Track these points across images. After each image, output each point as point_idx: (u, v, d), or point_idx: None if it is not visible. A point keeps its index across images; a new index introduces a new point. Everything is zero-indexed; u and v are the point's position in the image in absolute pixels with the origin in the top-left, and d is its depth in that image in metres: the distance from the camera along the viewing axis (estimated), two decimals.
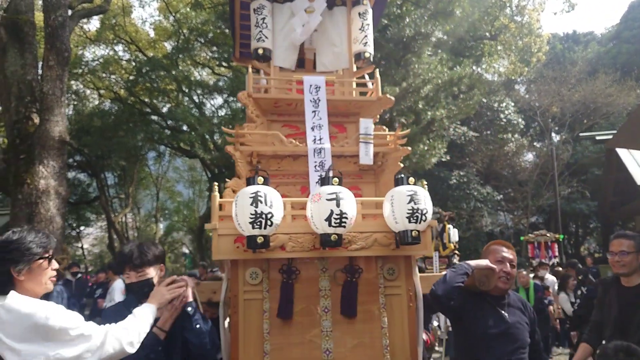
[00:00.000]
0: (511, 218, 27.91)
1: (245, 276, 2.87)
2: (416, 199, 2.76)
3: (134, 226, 36.47)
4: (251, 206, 2.57)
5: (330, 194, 2.64)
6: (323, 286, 2.90)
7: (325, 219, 2.62)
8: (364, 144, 3.20)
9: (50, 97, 14.61)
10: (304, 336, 2.83)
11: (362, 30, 3.41)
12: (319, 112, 3.22)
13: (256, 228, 2.59)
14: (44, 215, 14.07)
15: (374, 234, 2.86)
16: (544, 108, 25.66)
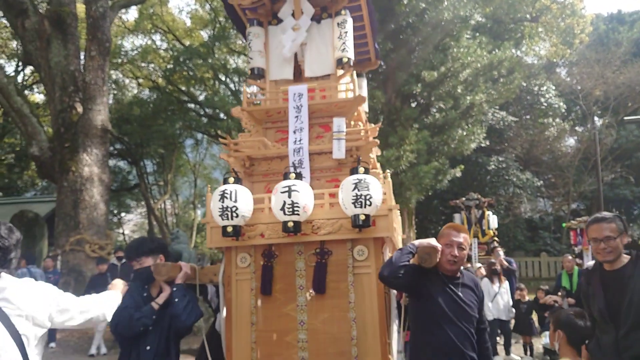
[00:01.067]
0: (551, 204, 27.31)
1: (237, 260, 3.44)
2: (360, 186, 3.05)
3: (173, 212, 37.17)
4: (219, 202, 3.17)
5: (284, 187, 3.13)
6: (299, 267, 3.37)
7: (280, 209, 3.12)
8: (336, 140, 3.55)
9: (92, 86, 14.97)
10: (282, 310, 3.33)
11: (341, 38, 3.76)
12: (301, 116, 3.64)
13: (225, 220, 3.17)
14: (89, 201, 14.49)
15: (340, 220, 3.23)
16: (587, 91, 24.87)
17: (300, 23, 3.83)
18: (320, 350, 3.25)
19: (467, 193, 16.17)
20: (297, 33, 3.83)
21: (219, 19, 23.50)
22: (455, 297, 3.17)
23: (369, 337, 3.22)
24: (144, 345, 3.27)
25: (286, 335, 3.31)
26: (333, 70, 3.85)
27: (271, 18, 4.00)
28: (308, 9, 3.83)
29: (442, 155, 13.94)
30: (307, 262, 3.36)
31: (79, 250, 14.01)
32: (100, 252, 13.92)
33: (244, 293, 3.41)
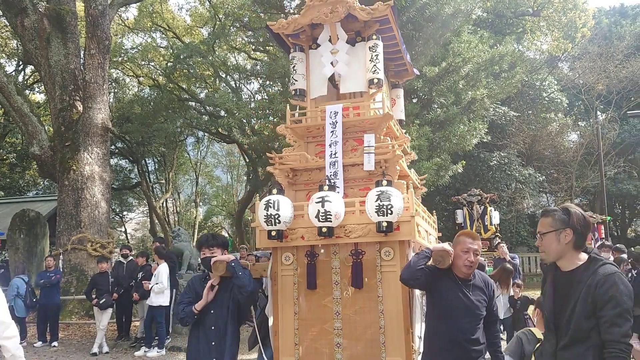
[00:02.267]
0: (554, 200, 27.20)
1: (282, 259, 3.99)
2: (382, 197, 3.53)
3: (175, 211, 37.19)
4: (264, 210, 3.74)
5: (318, 198, 3.65)
6: (334, 265, 3.90)
7: (315, 216, 3.66)
8: (367, 154, 4.02)
9: (92, 85, 14.93)
10: (321, 302, 3.87)
11: (372, 61, 4.15)
12: (336, 132, 4.10)
13: (269, 225, 3.75)
14: (90, 200, 14.48)
15: (368, 225, 3.72)
16: (589, 86, 24.73)
17: (337, 47, 4.28)
18: (353, 336, 3.77)
19: (469, 189, 16.12)
20: (334, 56, 4.28)
21: (219, 16, 23.41)
22: (464, 297, 3.50)
23: (394, 326, 3.70)
24: (209, 326, 3.93)
25: (324, 323, 3.85)
26: (366, 89, 4.26)
27: (311, 42, 4.45)
28: (343, 35, 4.27)
29: (443, 151, 13.85)
30: (342, 261, 3.88)
31: (81, 249, 14.01)
32: (102, 251, 13.91)
33: (288, 287, 3.95)
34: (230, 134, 23.26)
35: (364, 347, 3.74)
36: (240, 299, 3.92)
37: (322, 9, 4.14)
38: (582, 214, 2.81)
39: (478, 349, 3.54)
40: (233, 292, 3.95)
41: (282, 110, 16.59)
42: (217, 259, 3.95)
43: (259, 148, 22.40)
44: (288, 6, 18.61)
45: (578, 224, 2.77)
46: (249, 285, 3.85)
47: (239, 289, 3.86)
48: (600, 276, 2.62)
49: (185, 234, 12.44)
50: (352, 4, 4.09)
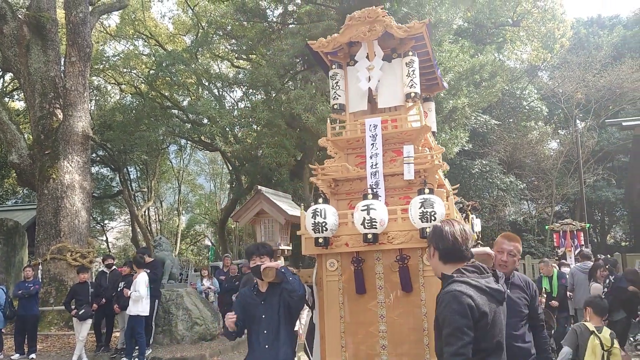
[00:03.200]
0: (535, 207, 27.54)
1: (327, 265, 4.11)
2: (426, 204, 3.70)
3: (157, 219, 36.87)
4: (312, 218, 3.92)
5: (364, 206, 3.81)
6: (378, 270, 4.01)
7: (361, 224, 3.80)
8: (406, 164, 4.16)
9: (73, 92, 14.79)
10: (366, 306, 3.98)
11: (409, 76, 4.35)
12: (376, 144, 4.27)
13: (317, 233, 3.91)
14: (70, 209, 14.29)
15: (410, 232, 3.86)
16: (568, 94, 25.10)
17: (373, 63, 4.45)
18: (397, 339, 3.89)
19: None
20: (371, 72, 4.45)
21: (202, 24, 23.40)
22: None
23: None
24: (263, 330, 4.13)
25: (369, 326, 3.96)
26: (403, 102, 4.44)
27: (349, 59, 4.62)
28: (379, 52, 4.44)
29: None
30: (385, 266, 4.01)
31: (60, 259, 13.80)
32: (82, 261, 13.72)
33: (333, 292, 4.07)
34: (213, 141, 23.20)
35: (409, 348, 3.86)
36: (291, 302, 4.10)
37: (360, 28, 4.35)
38: (441, 228, 2.80)
39: (524, 347, 3.71)
40: (283, 296, 4.12)
41: (265, 118, 16.66)
42: (266, 265, 4.12)
43: (242, 156, 22.39)
44: (271, 15, 18.70)
45: (434, 239, 2.82)
46: (299, 289, 4.03)
47: (290, 293, 4.03)
48: (441, 295, 2.65)
49: (167, 243, 12.33)
50: (389, 23, 4.28)
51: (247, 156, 20.86)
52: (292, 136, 16.51)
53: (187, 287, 11.97)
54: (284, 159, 15.82)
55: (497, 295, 2.68)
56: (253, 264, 4.27)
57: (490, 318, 2.59)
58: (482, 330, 2.56)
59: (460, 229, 2.79)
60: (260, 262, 4.21)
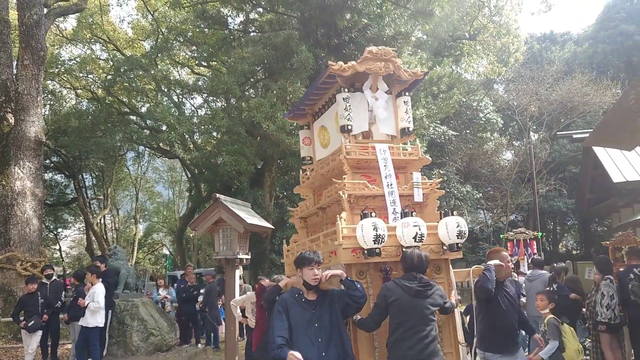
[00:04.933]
0: (491, 216, 28.20)
1: (356, 274, 4.53)
2: (461, 224, 4.56)
3: (113, 227, 36.02)
4: (373, 231, 4.29)
5: (414, 222, 4.41)
6: None
7: (413, 237, 4.38)
8: (416, 188, 4.91)
9: (25, 97, 14.35)
10: None
11: (406, 112, 5.17)
12: (388, 165, 4.86)
13: (376, 244, 4.33)
14: (20, 217, 13.82)
15: (430, 245, 4.58)
16: (522, 107, 25.89)
17: (378, 95, 5.10)
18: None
19: None
20: (378, 102, 5.07)
21: (162, 29, 23.10)
22: (507, 296, 5.04)
23: (444, 325, 4.66)
24: (317, 338, 4.08)
25: None
26: (396, 133, 5.19)
27: (349, 86, 5.11)
28: (383, 86, 5.10)
29: None
30: None
31: (10, 269, 13.31)
32: (33, 270, 13.24)
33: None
34: (172, 148, 22.88)
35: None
36: (356, 307, 4.26)
37: (376, 63, 4.94)
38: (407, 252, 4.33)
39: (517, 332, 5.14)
40: (333, 303, 4.22)
41: (225, 126, 16.54)
42: (332, 273, 4.25)
43: (201, 163, 22.14)
44: (232, 22, 18.64)
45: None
46: (364, 296, 4.28)
47: (359, 299, 4.21)
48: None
49: (122, 252, 12.04)
50: (399, 65, 5.00)
51: (206, 164, 20.64)
52: (252, 144, 16.45)
53: (143, 297, 11.71)
54: (244, 167, 15.73)
55: (407, 290, 4.09)
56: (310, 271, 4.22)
57: (398, 300, 4.06)
58: (394, 307, 4.08)
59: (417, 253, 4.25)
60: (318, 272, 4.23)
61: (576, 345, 5.99)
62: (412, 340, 4.00)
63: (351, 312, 4.33)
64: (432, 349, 4.05)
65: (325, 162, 5.35)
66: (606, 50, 29.60)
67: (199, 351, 11.29)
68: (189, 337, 12.10)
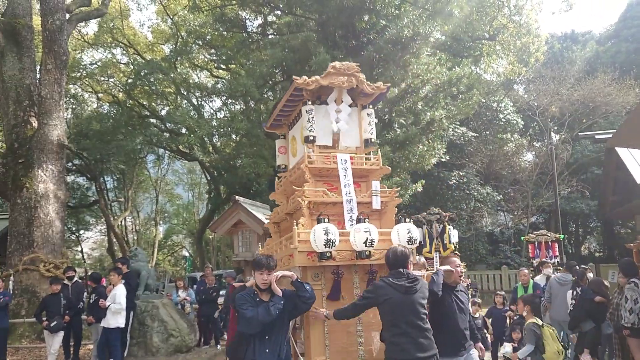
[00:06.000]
0: (511, 218, 27.88)
1: (311, 276, 4.82)
2: (412, 231, 4.78)
3: (134, 229, 36.42)
4: (324, 235, 4.54)
5: (365, 228, 4.66)
6: (355, 281, 4.95)
7: (363, 242, 4.62)
8: (375, 196, 5.11)
9: (48, 101, 14.59)
10: None
11: (369, 124, 5.42)
12: (347, 175, 5.11)
13: (327, 248, 4.56)
14: (43, 219, 14.04)
15: (384, 251, 4.64)
16: (543, 108, 25.58)
17: (342, 108, 5.34)
18: (371, 337, 4.86)
19: (429, 208, 16.33)
20: (340, 115, 5.32)
21: (181, 33, 23.34)
22: (457, 300, 5.02)
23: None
24: (264, 336, 4.37)
25: (348, 327, 4.81)
26: (360, 144, 5.46)
27: (315, 99, 5.40)
28: (348, 99, 5.34)
29: (403, 170, 14.06)
30: (360, 278, 4.94)
31: (33, 270, 13.53)
32: (56, 272, 13.44)
33: (317, 299, 4.67)
34: (191, 151, 23.08)
35: (379, 343, 4.75)
36: (303, 308, 4.54)
37: (339, 77, 5.20)
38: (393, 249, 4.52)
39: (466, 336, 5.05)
40: (288, 304, 4.44)
41: (244, 128, 16.62)
42: (283, 274, 4.48)
43: (221, 166, 22.29)
44: (250, 25, 18.75)
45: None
46: (314, 297, 4.54)
47: (307, 300, 4.46)
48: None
49: (142, 254, 12.16)
50: (362, 79, 5.25)
51: (225, 166, 20.77)
52: (271, 146, 16.46)
53: (163, 299, 11.80)
54: (263, 169, 15.77)
55: (398, 288, 4.25)
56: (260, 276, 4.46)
57: (391, 299, 4.22)
58: (386, 306, 4.26)
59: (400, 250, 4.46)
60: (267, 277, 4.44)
61: (556, 347, 6.32)
62: (409, 336, 4.19)
63: (300, 312, 4.66)
64: (428, 342, 4.25)
65: (293, 171, 5.64)
66: (629, 49, 29.12)
67: (218, 352, 11.33)
68: (208, 339, 12.15)
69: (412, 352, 4.15)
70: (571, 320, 7.91)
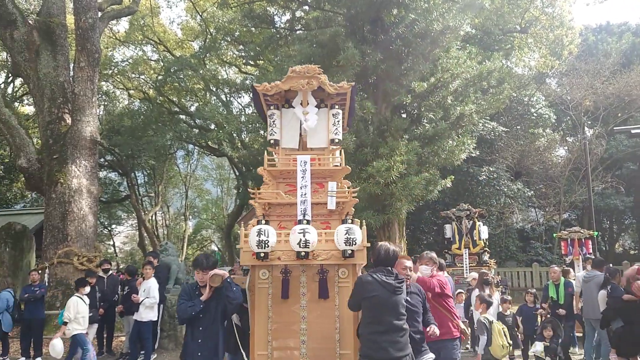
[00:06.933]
0: (543, 214, 27.36)
1: (259, 274, 4.98)
2: (350, 232, 4.75)
3: (164, 224, 36.95)
4: (256, 236, 4.74)
5: (300, 230, 4.75)
6: (302, 280, 4.99)
7: (297, 243, 4.71)
8: (330, 197, 5.14)
9: (81, 97, 14.89)
10: (290, 308, 4.92)
11: (334, 125, 5.38)
12: (305, 177, 5.12)
13: (260, 248, 4.74)
14: (77, 213, 14.35)
15: (332, 251, 4.86)
16: (577, 102, 24.97)
17: (307, 109, 5.40)
18: (314, 335, 4.88)
19: (458, 204, 16.15)
20: (307, 116, 5.37)
21: (210, 30, 23.52)
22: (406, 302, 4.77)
23: (346, 327, 4.86)
24: (197, 326, 4.91)
25: (292, 325, 4.90)
26: (327, 145, 5.45)
27: (284, 102, 5.51)
28: (312, 101, 5.41)
29: (432, 165, 13.90)
30: (308, 277, 4.97)
31: (67, 263, 13.85)
32: (89, 265, 13.75)
33: (263, 296, 4.95)
34: (220, 147, 23.25)
35: (323, 343, 4.85)
36: (229, 308, 4.90)
37: (299, 81, 5.22)
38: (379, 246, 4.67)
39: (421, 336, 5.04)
40: (221, 301, 4.89)
41: None
42: (215, 272, 4.91)
43: (249, 161, 22.41)
44: (279, 21, 18.76)
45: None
46: (238, 298, 4.85)
47: (231, 300, 4.80)
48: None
49: (172, 248, 12.34)
50: (323, 80, 5.22)
51: (254, 161, 20.85)
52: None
53: None
54: None
55: (386, 286, 4.35)
56: (197, 275, 5.00)
57: (378, 296, 4.30)
58: (370, 302, 4.33)
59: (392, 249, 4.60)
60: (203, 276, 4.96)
61: (501, 341, 6.88)
62: (389, 335, 4.30)
63: (230, 312, 5.03)
64: (404, 342, 4.37)
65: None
66: None
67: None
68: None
69: (390, 351, 4.24)
70: (602, 319, 7.75)
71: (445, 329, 5.48)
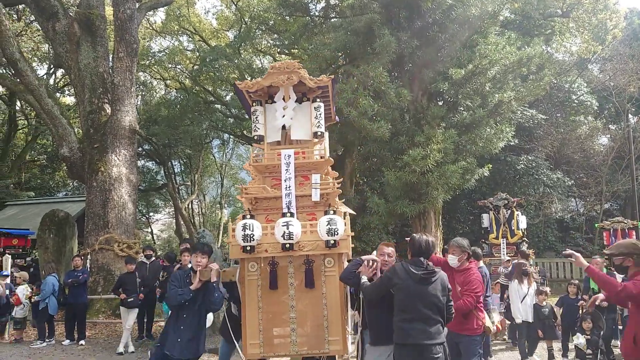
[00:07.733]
0: (583, 204, 26.64)
1: (248, 266, 5.21)
2: (331, 223, 4.99)
3: (200, 212, 37.51)
4: (242, 231, 4.99)
5: (284, 222, 5.00)
6: (289, 271, 5.21)
7: (281, 236, 4.96)
8: (314, 189, 5.28)
9: (120, 88, 15.18)
10: (279, 298, 5.16)
11: (317, 118, 5.50)
12: (289, 170, 5.28)
13: (245, 242, 4.99)
14: (117, 201, 14.70)
15: (317, 242, 5.06)
16: (620, 88, 24.10)
17: (288, 104, 5.52)
18: (304, 323, 5.11)
19: (496, 193, 15.86)
20: (286, 111, 5.51)
21: (245, 19, 23.60)
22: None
23: (334, 314, 5.08)
24: (182, 313, 5.16)
25: (282, 314, 5.12)
26: (310, 137, 5.55)
27: (267, 99, 5.63)
28: (293, 96, 5.53)
29: (469, 154, 13.64)
30: (295, 267, 5.17)
31: (108, 249, 14.23)
32: (129, 251, 14.10)
33: (253, 287, 5.17)
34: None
35: (312, 330, 5.08)
36: (210, 308, 5.29)
37: (280, 76, 5.36)
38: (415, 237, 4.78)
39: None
40: (205, 297, 5.14)
41: None
42: (209, 267, 5.13)
43: None
44: (313, 9, 18.67)
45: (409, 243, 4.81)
46: (219, 304, 5.24)
47: (210, 303, 5.14)
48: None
49: (209, 236, 12.48)
50: (303, 75, 5.37)
51: None
52: (334, 130, 16.46)
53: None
54: None
55: (413, 276, 4.44)
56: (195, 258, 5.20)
57: (403, 285, 4.43)
58: (399, 291, 4.47)
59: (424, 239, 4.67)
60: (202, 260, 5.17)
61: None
62: (417, 323, 4.36)
63: (212, 311, 5.41)
64: (435, 331, 4.39)
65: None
66: None
67: None
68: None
69: (417, 337, 4.33)
70: None
71: (469, 324, 5.51)
